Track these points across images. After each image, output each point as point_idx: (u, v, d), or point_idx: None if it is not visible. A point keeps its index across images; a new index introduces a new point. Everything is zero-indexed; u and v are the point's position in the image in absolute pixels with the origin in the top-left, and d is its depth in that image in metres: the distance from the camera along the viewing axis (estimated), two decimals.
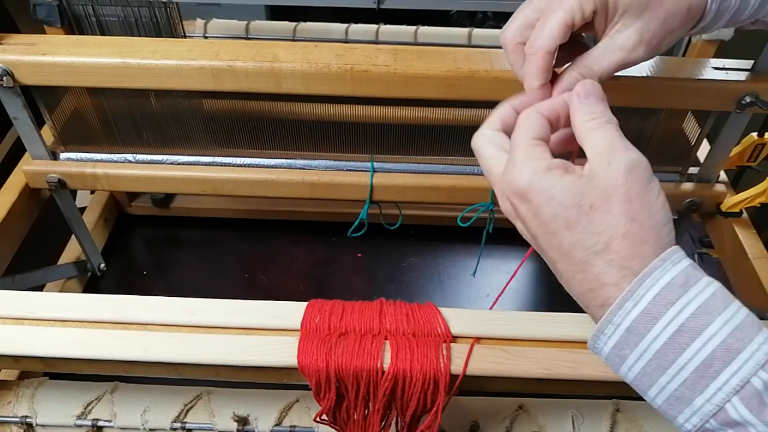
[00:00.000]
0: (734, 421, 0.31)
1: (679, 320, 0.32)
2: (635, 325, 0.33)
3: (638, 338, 0.33)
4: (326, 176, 0.68)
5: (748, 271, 0.65)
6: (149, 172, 0.68)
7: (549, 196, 0.35)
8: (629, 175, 0.35)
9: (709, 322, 0.32)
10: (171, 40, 0.63)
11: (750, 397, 0.31)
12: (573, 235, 0.35)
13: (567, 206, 0.35)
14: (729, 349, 0.32)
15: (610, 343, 0.35)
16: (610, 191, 0.34)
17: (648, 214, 0.35)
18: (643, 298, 0.33)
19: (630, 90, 0.57)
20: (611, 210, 0.34)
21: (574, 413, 0.56)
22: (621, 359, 0.35)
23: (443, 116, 0.65)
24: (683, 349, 0.32)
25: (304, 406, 0.57)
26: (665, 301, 0.33)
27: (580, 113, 0.38)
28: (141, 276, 0.87)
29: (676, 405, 0.33)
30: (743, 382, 0.31)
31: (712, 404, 0.32)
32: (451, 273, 0.86)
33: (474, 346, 0.47)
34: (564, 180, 0.35)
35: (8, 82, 0.58)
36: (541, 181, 0.36)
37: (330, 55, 0.58)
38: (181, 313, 0.49)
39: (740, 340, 0.32)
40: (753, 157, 0.69)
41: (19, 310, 0.50)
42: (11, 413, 0.56)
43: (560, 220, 0.35)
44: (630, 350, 0.34)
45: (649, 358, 0.33)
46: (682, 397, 0.33)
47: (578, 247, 0.35)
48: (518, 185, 0.36)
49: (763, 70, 0.57)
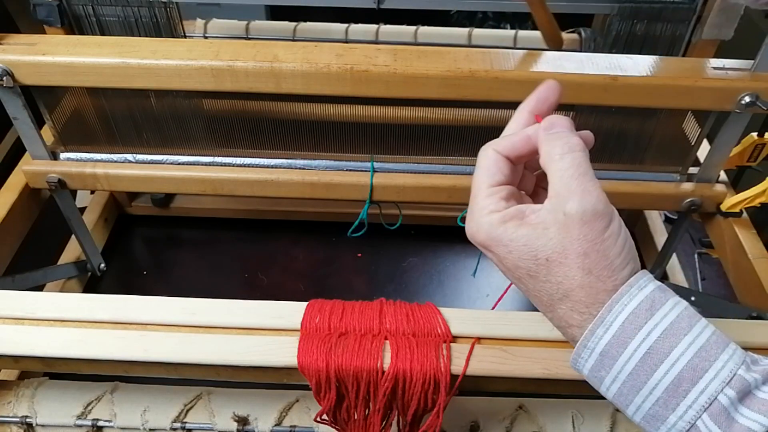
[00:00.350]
0: None
1: (647, 343, 0.34)
2: (608, 349, 0.35)
3: (612, 361, 0.35)
4: (326, 176, 0.68)
5: (748, 271, 0.65)
6: (149, 172, 0.68)
7: (507, 250, 0.37)
8: (583, 228, 0.35)
9: (675, 344, 0.34)
10: (171, 40, 0.63)
11: (718, 413, 0.33)
12: (536, 283, 0.37)
13: (525, 259, 0.36)
14: (696, 369, 0.33)
15: (588, 366, 0.36)
16: (565, 245, 0.35)
17: (604, 264, 0.35)
18: (612, 324, 0.35)
19: (630, 90, 0.57)
20: (567, 263, 0.35)
21: (574, 413, 0.56)
22: (599, 380, 0.36)
23: (443, 116, 0.65)
24: (653, 371, 0.34)
25: (304, 406, 0.57)
26: (633, 326, 0.34)
27: (544, 144, 0.38)
28: (141, 276, 0.87)
29: (652, 422, 0.35)
30: (711, 399, 0.33)
31: (684, 421, 0.33)
32: (451, 273, 0.86)
33: (474, 346, 0.47)
34: (519, 234, 0.36)
35: (8, 82, 0.58)
36: (498, 235, 0.37)
37: (330, 55, 0.58)
38: (181, 313, 0.49)
39: (706, 360, 0.33)
40: (753, 157, 0.69)
41: (19, 310, 0.50)
42: (11, 413, 0.56)
43: (522, 270, 0.37)
44: (606, 372, 0.35)
45: (623, 380, 0.35)
46: (657, 415, 0.34)
47: (542, 293, 0.37)
48: (478, 239, 0.38)
49: (763, 70, 0.57)
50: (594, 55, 0.59)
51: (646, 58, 0.59)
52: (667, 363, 0.33)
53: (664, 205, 0.73)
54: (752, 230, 0.68)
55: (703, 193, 0.68)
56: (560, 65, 0.57)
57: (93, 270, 0.84)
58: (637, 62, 0.58)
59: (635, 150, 0.66)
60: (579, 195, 0.36)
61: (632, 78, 0.57)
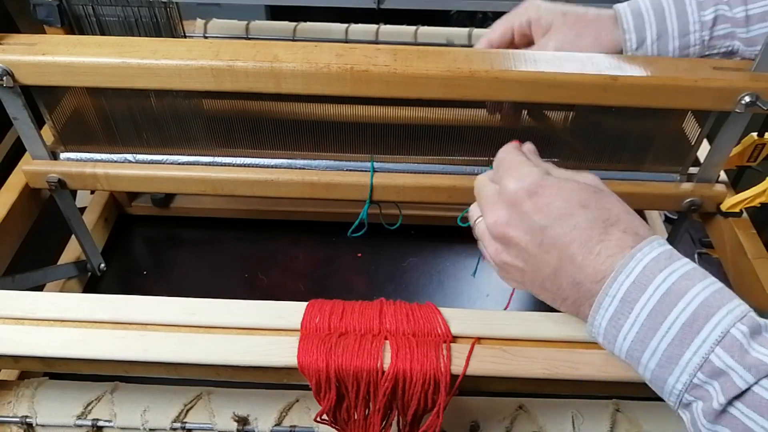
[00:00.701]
0: (719, 369, 0.35)
1: (666, 285, 0.37)
2: (628, 295, 0.38)
3: (631, 305, 0.38)
4: (326, 176, 0.68)
5: (748, 271, 0.65)
6: (149, 172, 0.68)
7: (559, 186, 0.43)
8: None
9: (691, 286, 0.37)
10: (171, 40, 0.63)
11: (731, 345, 0.35)
12: (587, 213, 0.41)
13: (577, 190, 0.42)
14: (710, 306, 0.36)
15: (607, 316, 0.39)
16: (600, 186, 0.45)
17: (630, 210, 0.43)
18: (634, 270, 0.38)
19: (630, 90, 0.57)
20: (611, 195, 0.43)
21: (574, 413, 0.56)
22: (617, 330, 0.39)
23: (443, 116, 0.65)
24: (670, 310, 0.37)
25: (304, 406, 0.57)
26: (654, 270, 0.38)
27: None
28: (141, 276, 0.87)
29: (667, 366, 0.37)
30: (724, 332, 0.35)
31: (699, 356, 0.35)
32: (451, 273, 0.86)
33: (474, 346, 0.47)
34: (566, 174, 0.45)
35: (8, 82, 0.58)
36: (546, 179, 0.44)
37: (330, 55, 0.58)
38: (181, 313, 0.49)
39: (719, 300, 0.36)
40: (753, 157, 0.69)
41: (19, 310, 0.50)
42: (11, 413, 0.56)
43: (574, 201, 0.42)
44: (625, 318, 0.38)
45: (641, 322, 0.38)
46: (672, 355, 0.36)
47: (597, 222, 0.41)
48: (526, 185, 0.44)
49: (763, 70, 0.57)
50: (594, 55, 0.59)
51: (646, 58, 0.59)
52: (684, 301, 0.36)
53: (664, 205, 0.73)
54: (752, 230, 0.68)
55: (703, 193, 0.68)
56: (560, 65, 0.57)
57: (93, 270, 0.84)
58: (637, 62, 0.58)
59: (635, 150, 0.66)
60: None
61: (632, 78, 0.57)
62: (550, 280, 0.43)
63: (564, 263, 0.41)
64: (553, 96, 0.58)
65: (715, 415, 0.35)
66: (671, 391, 0.38)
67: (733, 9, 0.56)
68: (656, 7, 0.58)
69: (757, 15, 0.56)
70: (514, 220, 0.44)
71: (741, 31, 0.57)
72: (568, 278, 0.42)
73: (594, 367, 0.47)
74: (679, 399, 0.37)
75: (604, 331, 0.40)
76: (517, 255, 0.45)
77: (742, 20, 0.56)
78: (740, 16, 0.56)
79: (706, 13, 0.57)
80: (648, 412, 0.56)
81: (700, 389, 0.36)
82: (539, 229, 0.42)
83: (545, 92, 0.57)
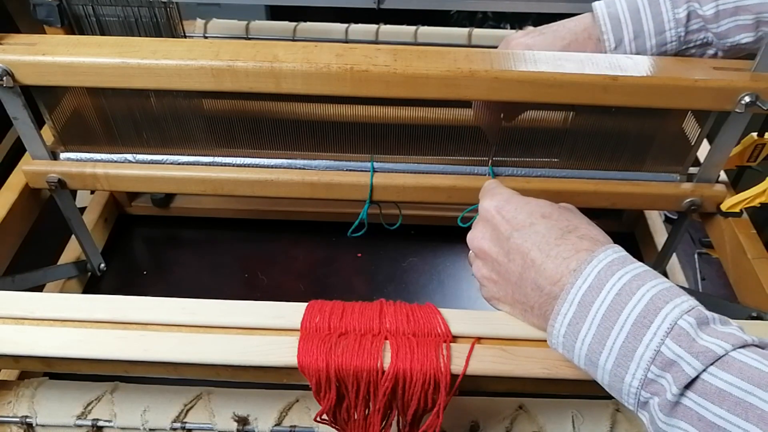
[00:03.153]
0: (670, 360, 0.36)
1: (618, 286, 0.39)
2: (584, 298, 0.40)
3: (587, 308, 0.40)
4: (326, 176, 0.68)
5: (748, 271, 0.65)
6: (149, 172, 0.68)
7: (525, 201, 0.48)
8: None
9: (641, 285, 0.39)
10: (171, 40, 0.63)
11: (679, 335, 0.37)
12: (549, 222, 0.45)
13: (541, 205, 0.47)
14: (659, 301, 0.38)
15: (566, 322, 0.41)
16: (562, 205, 0.49)
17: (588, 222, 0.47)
18: (590, 275, 0.41)
19: (630, 90, 0.57)
20: (579, 214, 0.48)
21: (574, 413, 0.56)
22: (575, 335, 0.41)
23: (443, 116, 0.65)
24: (623, 308, 0.39)
25: (304, 406, 0.57)
26: (608, 273, 0.40)
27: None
28: (141, 276, 0.87)
29: (623, 363, 0.38)
30: (672, 324, 0.37)
31: (651, 350, 0.37)
32: (451, 273, 0.86)
33: (474, 346, 0.47)
34: (528, 197, 0.50)
35: (8, 82, 0.58)
36: (513, 197, 0.49)
37: (330, 55, 0.58)
38: (181, 313, 0.49)
39: (666, 296, 0.38)
40: (753, 157, 0.69)
41: (19, 310, 0.50)
42: (11, 413, 0.56)
43: (537, 214, 0.46)
44: (582, 322, 0.40)
45: (598, 323, 0.40)
46: (627, 352, 0.38)
47: (556, 229, 0.45)
48: (491, 206, 0.49)
49: (763, 70, 0.57)
50: (594, 55, 0.59)
51: (646, 58, 0.59)
52: (635, 299, 0.38)
53: (664, 205, 0.73)
54: (752, 230, 0.68)
55: (703, 193, 0.68)
56: (560, 65, 0.57)
57: (93, 270, 0.84)
58: (637, 62, 0.58)
59: (635, 150, 0.66)
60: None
61: (632, 78, 0.57)
62: (518, 289, 0.46)
63: (526, 268, 0.45)
64: (553, 96, 0.58)
65: (670, 408, 0.36)
66: (629, 391, 0.39)
67: (703, 6, 0.59)
68: (632, 7, 0.60)
69: (727, 10, 0.58)
70: (486, 233, 0.49)
71: (712, 27, 0.59)
72: (531, 283, 0.44)
73: None
74: (637, 397, 0.39)
75: (563, 339, 0.42)
76: (491, 267, 0.49)
77: (712, 17, 0.59)
78: (710, 13, 0.58)
79: (679, 11, 0.59)
80: None
81: (655, 384, 0.38)
82: (505, 239, 0.47)
83: (545, 92, 0.57)
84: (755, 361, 0.35)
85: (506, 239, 0.46)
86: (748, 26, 0.58)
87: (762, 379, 0.34)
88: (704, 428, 0.35)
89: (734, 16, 0.58)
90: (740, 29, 0.58)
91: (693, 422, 0.36)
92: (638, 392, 0.38)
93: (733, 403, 0.34)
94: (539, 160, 0.68)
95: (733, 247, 0.68)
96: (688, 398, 0.36)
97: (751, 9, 0.57)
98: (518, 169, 0.68)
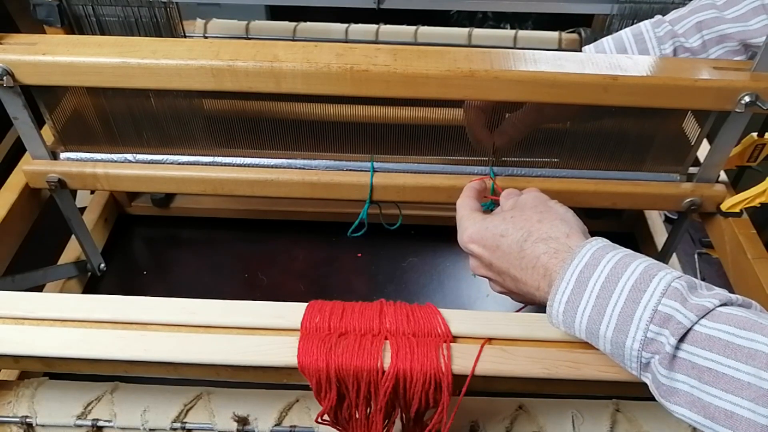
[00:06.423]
0: (667, 315, 0.39)
1: (612, 262, 0.43)
2: (581, 277, 0.43)
3: (585, 283, 0.43)
4: (326, 176, 0.68)
5: (748, 271, 0.65)
6: (149, 172, 0.68)
7: (510, 215, 0.51)
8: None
9: (633, 261, 0.42)
10: (171, 40, 0.63)
11: (674, 294, 0.40)
12: (507, 239, 0.50)
13: (496, 223, 0.51)
14: (651, 271, 0.41)
15: (564, 300, 0.44)
16: (542, 210, 0.52)
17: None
18: (585, 256, 0.44)
19: (630, 90, 0.57)
20: (530, 206, 0.52)
21: (574, 413, 0.56)
22: (574, 310, 0.43)
23: (443, 116, 0.65)
24: (619, 278, 0.42)
25: (304, 406, 0.57)
26: (601, 254, 0.44)
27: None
28: (141, 276, 0.87)
29: (623, 328, 0.41)
30: (667, 286, 0.40)
31: (649, 310, 0.40)
32: (451, 273, 0.86)
33: (483, 346, 0.48)
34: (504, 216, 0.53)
35: (8, 82, 0.58)
36: (477, 223, 0.54)
37: (330, 55, 0.58)
38: (181, 313, 0.49)
39: (657, 268, 0.42)
40: (753, 157, 0.69)
41: (19, 310, 0.50)
42: (11, 413, 0.56)
43: (496, 236, 0.50)
44: (580, 297, 0.43)
45: (596, 294, 0.42)
46: (626, 316, 0.41)
47: (513, 244, 0.49)
48: (472, 235, 0.53)
49: (763, 70, 0.57)
50: (594, 55, 0.59)
51: (646, 58, 0.59)
52: (629, 270, 0.42)
53: (664, 205, 0.73)
54: (752, 230, 0.68)
55: (703, 193, 0.68)
56: (560, 65, 0.57)
57: (93, 270, 0.84)
58: (637, 62, 0.58)
59: (635, 150, 0.66)
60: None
61: (632, 78, 0.57)
62: (526, 294, 0.50)
63: (516, 282, 0.50)
64: (553, 96, 0.58)
65: (669, 361, 0.39)
66: (630, 355, 0.41)
67: (689, 39, 0.61)
68: (618, 45, 0.63)
69: (712, 39, 0.61)
70: (476, 263, 0.54)
71: (702, 56, 0.62)
72: (526, 293, 0.49)
73: (594, 367, 0.47)
74: (639, 360, 0.41)
75: (564, 316, 0.44)
76: (500, 285, 0.53)
77: (699, 47, 0.62)
78: (697, 44, 0.61)
79: (665, 47, 0.62)
80: (648, 412, 0.56)
81: (655, 342, 0.40)
82: (488, 265, 0.52)
83: (545, 92, 0.57)
84: (740, 311, 0.38)
85: (489, 265, 0.52)
86: (737, 50, 0.61)
87: (746, 323, 0.37)
88: (698, 375, 0.38)
89: (721, 44, 0.61)
90: (730, 54, 0.61)
91: (688, 371, 0.38)
92: (640, 354, 0.40)
93: (722, 346, 0.37)
94: (539, 160, 0.68)
95: (733, 247, 0.68)
96: (683, 350, 0.38)
97: (735, 36, 0.60)
98: (518, 169, 0.68)
